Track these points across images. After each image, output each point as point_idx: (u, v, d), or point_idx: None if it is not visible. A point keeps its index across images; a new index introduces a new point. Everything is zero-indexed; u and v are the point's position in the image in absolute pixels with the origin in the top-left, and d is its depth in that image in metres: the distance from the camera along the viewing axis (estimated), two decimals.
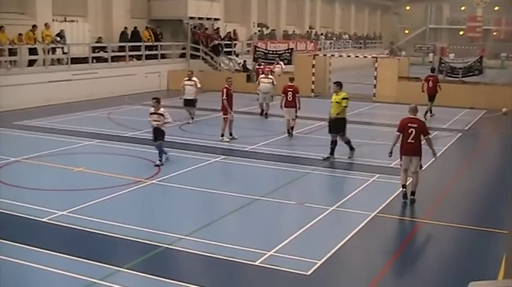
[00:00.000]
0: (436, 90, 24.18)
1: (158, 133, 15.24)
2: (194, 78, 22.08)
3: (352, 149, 16.26)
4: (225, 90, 18.37)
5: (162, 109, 15.27)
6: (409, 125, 12.44)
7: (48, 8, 27.95)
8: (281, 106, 19.36)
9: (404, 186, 12.53)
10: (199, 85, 21.90)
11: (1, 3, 25.77)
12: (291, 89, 19.20)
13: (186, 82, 21.98)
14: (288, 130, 19.45)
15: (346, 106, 15.83)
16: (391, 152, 12.51)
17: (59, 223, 10.66)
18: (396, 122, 13.27)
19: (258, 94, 23.79)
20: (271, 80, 23.49)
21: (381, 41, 70.94)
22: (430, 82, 24.38)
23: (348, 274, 9.16)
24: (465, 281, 4.37)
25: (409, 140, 12.32)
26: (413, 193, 12.47)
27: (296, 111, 19.10)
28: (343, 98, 15.76)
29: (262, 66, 30.72)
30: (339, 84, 15.98)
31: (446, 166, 16.37)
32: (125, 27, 32.37)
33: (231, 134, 18.53)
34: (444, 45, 68.63)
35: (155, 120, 15.21)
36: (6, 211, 11.21)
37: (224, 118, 18.37)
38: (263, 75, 24.03)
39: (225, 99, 18.21)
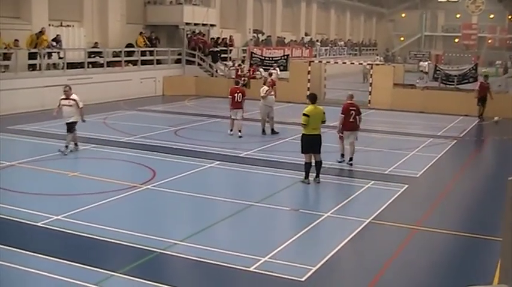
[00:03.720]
0: (480, 94, 26.39)
1: None
2: (74, 96, 17.01)
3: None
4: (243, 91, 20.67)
5: None
6: (350, 108, 16.00)
7: (44, 13, 27.93)
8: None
9: (343, 155, 16.29)
10: (81, 105, 16.97)
11: None
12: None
13: (63, 101, 17.07)
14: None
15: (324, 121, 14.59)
16: (339, 130, 16.04)
17: (53, 227, 10.64)
18: (391, 129, 13.53)
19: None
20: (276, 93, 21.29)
21: (376, 48, 71.13)
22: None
23: (342, 281, 9.16)
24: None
25: (350, 120, 15.95)
26: (351, 159, 16.11)
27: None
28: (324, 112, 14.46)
29: (237, 66, 31.31)
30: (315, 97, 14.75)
31: (441, 173, 16.43)
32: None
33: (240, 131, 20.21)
34: (439, 53, 68.90)
35: None
36: (0, 215, 11.19)
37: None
38: (267, 87, 20.93)
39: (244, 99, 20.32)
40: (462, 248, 10.63)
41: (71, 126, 17.00)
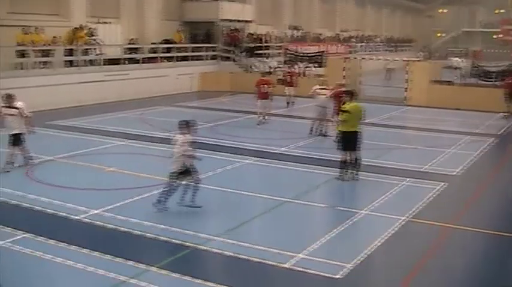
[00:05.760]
0: (508, 90, 26.10)
1: None
2: (19, 104, 14.42)
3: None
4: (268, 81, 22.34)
5: None
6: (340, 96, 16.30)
7: (82, 10, 28.31)
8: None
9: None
10: (28, 113, 14.47)
11: (36, 5, 26.22)
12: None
13: (5, 110, 14.44)
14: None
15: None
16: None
17: (90, 221, 10.79)
18: (427, 125, 13.31)
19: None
20: (329, 91, 19.17)
21: (412, 44, 70.35)
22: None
23: (377, 278, 9.09)
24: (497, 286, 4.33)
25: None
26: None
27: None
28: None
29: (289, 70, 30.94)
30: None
31: (479, 171, 16.15)
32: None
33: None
34: (477, 49, 67.86)
35: None
36: (39, 209, 11.40)
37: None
38: (318, 87, 19.87)
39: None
40: (499, 248, 10.44)
41: (15, 139, 14.41)
